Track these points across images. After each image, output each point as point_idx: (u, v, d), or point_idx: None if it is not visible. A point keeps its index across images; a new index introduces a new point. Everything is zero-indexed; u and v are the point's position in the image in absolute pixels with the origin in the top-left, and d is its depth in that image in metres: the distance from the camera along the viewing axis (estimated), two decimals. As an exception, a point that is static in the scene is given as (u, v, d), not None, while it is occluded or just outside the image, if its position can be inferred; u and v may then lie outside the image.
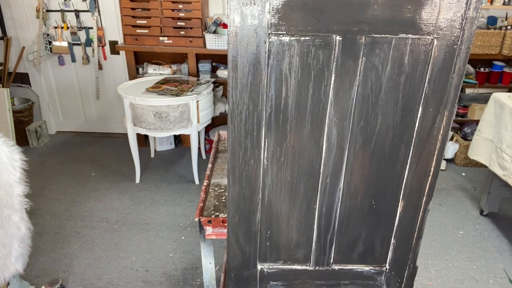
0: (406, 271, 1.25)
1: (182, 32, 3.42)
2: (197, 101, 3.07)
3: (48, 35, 3.80)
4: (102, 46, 3.84)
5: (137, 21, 3.40)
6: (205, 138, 3.85)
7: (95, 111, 4.17)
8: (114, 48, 3.78)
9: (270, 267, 1.22)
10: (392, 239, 1.20)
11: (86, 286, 2.26)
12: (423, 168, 1.08)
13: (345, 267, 1.24)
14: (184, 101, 2.98)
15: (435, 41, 0.93)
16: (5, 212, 1.73)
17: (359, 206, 1.14)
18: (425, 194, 1.12)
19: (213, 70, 3.70)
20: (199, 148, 3.58)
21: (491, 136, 2.63)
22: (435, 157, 1.07)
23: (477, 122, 2.95)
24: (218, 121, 3.96)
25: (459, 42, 0.93)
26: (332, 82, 0.98)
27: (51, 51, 3.85)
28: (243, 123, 1.00)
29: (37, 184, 3.24)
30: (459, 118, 3.77)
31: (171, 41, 3.45)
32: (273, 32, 0.92)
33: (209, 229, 1.32)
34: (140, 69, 3.71)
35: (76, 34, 3.78)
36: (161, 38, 3.45)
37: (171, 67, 3.73)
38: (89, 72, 3.96)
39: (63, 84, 4.06)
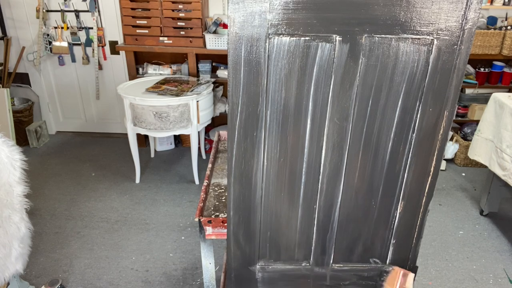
0: (406, 271, 1.25)
1: (182, 32, 3.42)
2: (197, 101, 3.07)
3: (48, 35, 3.80)
4: (102, 46, 3.84)
5: (137, 21, 3.41)
6: (205, 138, 3.85)
7: (95, 111, 4.17)
8: (114, 48, 3.78)
9: (270, 267, 1.22)
10: (392, 239, 1.20)
11: (86, 286, 2.26)
12: (423, 168, 1.08)
13: (345, 267, 1.24)
14: (184, 101, 2.98)
15: (435, 41, 0.93)
16: (5, 212, 1.73)
17: (359, 206, 1.14)
18: (425, 194, 1.12)
19: (213, 70, 3.70)
20: (199, 148, 3.58)
21: (491, 136, 2.63)
22: (435, 157, 1.07)
23: (477, 122, 2.95)
24: (218, 121, 3.96)
25: (459, 42, 0.93)
26: (332, 82, 0.98)
27: (51, 51, 3.86)
28: (243, 123, 1.00)
29: (37, 184, 3.24)
30: (459, 118, 3.77)
31: (171, 41, 3.46)
32: (273, 32, 0.92)
33: (209, 229, 1.32)
34: (140, 69, 3.71)
35: (76, 34, 3.78)
36: (161, 38, 3.45)
37: (171, 67, 3.73)
38: (89, 72, 3.96)
39: (63, 84, 4.06)
